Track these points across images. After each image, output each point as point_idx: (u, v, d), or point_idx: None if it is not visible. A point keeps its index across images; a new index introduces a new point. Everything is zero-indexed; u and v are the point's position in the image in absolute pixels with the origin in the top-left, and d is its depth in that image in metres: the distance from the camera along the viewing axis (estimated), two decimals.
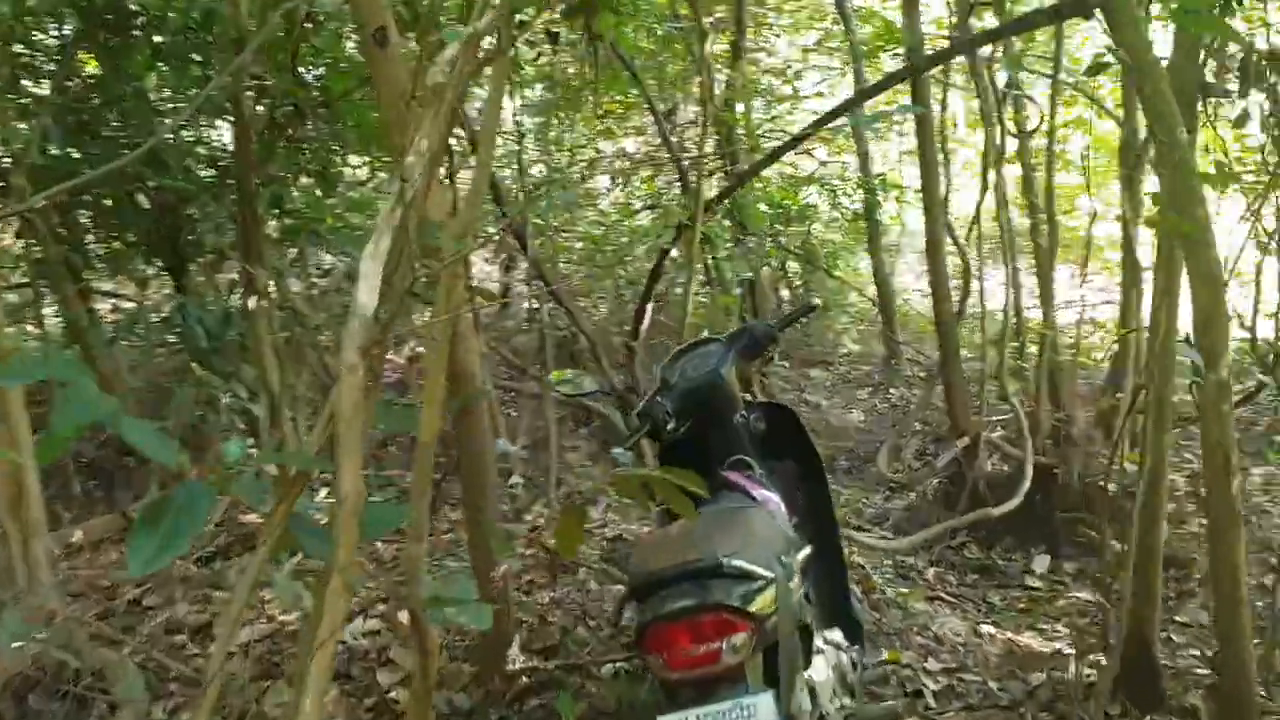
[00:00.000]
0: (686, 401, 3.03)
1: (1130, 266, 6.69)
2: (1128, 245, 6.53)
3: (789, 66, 10.72)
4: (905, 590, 4.85)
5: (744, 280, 8.07)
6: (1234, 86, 3.15)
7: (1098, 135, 13.20)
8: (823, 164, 10.42)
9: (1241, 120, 3.36)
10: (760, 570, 2.42)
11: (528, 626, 3.97)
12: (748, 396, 3.35)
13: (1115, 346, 6.67)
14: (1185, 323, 2.89)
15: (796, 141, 5.55)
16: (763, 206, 9.15)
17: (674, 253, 6.26)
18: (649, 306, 6.07)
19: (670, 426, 2.97)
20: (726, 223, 8.45)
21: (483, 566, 3.29)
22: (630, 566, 2.71)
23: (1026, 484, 5.59)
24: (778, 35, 11.10)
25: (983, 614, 5.27)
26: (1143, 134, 6.48)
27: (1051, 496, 6.05)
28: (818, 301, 3.31)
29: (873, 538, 6.26)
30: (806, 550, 2.78)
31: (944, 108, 8.26)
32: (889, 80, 5.35)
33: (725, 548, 2.43)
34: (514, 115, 7.20)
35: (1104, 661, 3.44)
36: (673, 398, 3.03)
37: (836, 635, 3.00)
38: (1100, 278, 9.73)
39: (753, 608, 2.35)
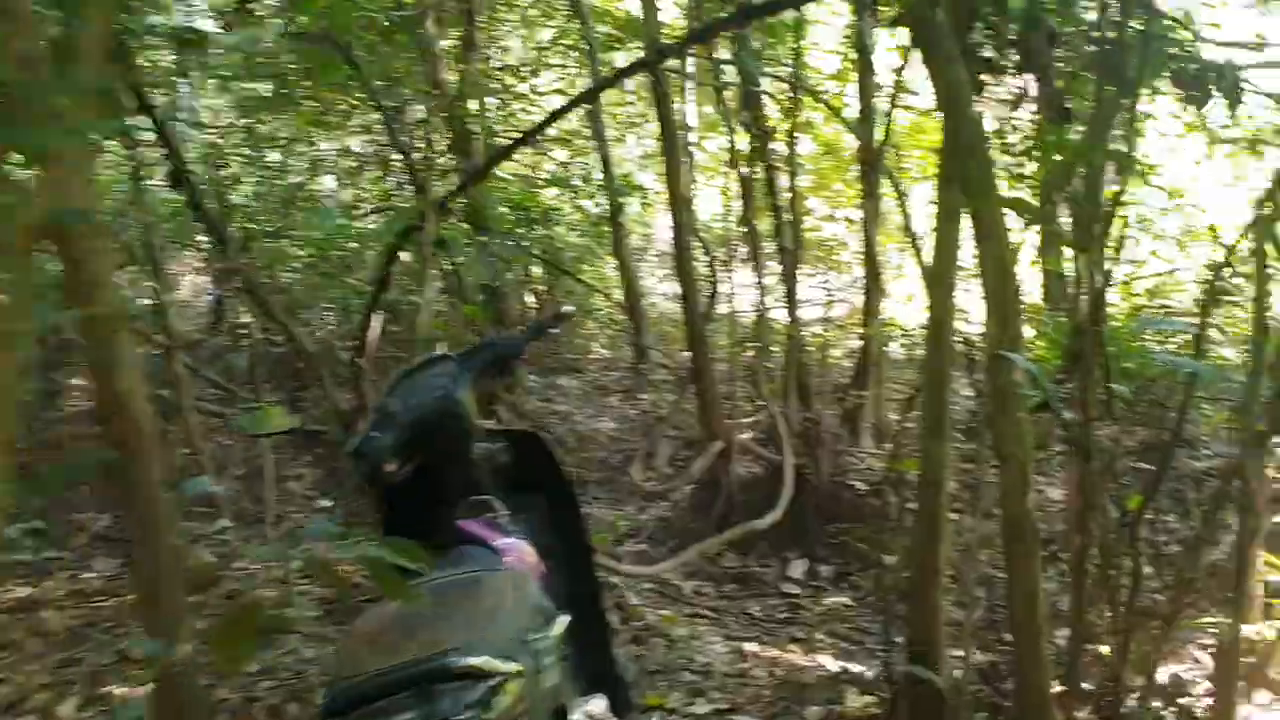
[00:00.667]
0: (413, 435, 2.50)
1: (870, 265, 6.84)
2: (868, 245, 6.66)
3: (524, 65, 10.35)
4: (666, 613, 4.55)
5: (486, 288, 7.59)
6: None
7: (825, 137, 13.76)
8: (563, 165, 10.11)
9: (1018, 101, 3.29)
10: (499, 664, 1.93)
11: None
12: (492, 423, 2.87)
13: (861, 344, 6.75)
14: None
15: (533, 134, 5.18)
16: (504, 209, 8.72)
17: (405, 257, 5.69)
18: (376, 317, 5.47)
19: (391, 468, 2.44)
20: (466, 225, 7.95)
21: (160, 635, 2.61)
22: (331, 669, 2.14)
23: (788, 492, 5.48)
24: (510, 32, 10.70)
25: (744, 627, 5.09)
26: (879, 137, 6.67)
27: (804, 498, 6.00)
28: (570, 308, 2.86)
29: (633, 564, 6.00)
30: (562, 621, 2.32)
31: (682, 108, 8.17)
32: (626, 72, 5.09)
33: (455, 636, 1.93)
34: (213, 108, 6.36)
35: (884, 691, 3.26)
36: (395, 431, 2.49)
37: (598, 706, 2.57)
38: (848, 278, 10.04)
39: (491, 716, 1.86)
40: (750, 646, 4.57)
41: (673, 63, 7.10)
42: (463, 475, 2.55)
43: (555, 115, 4.63)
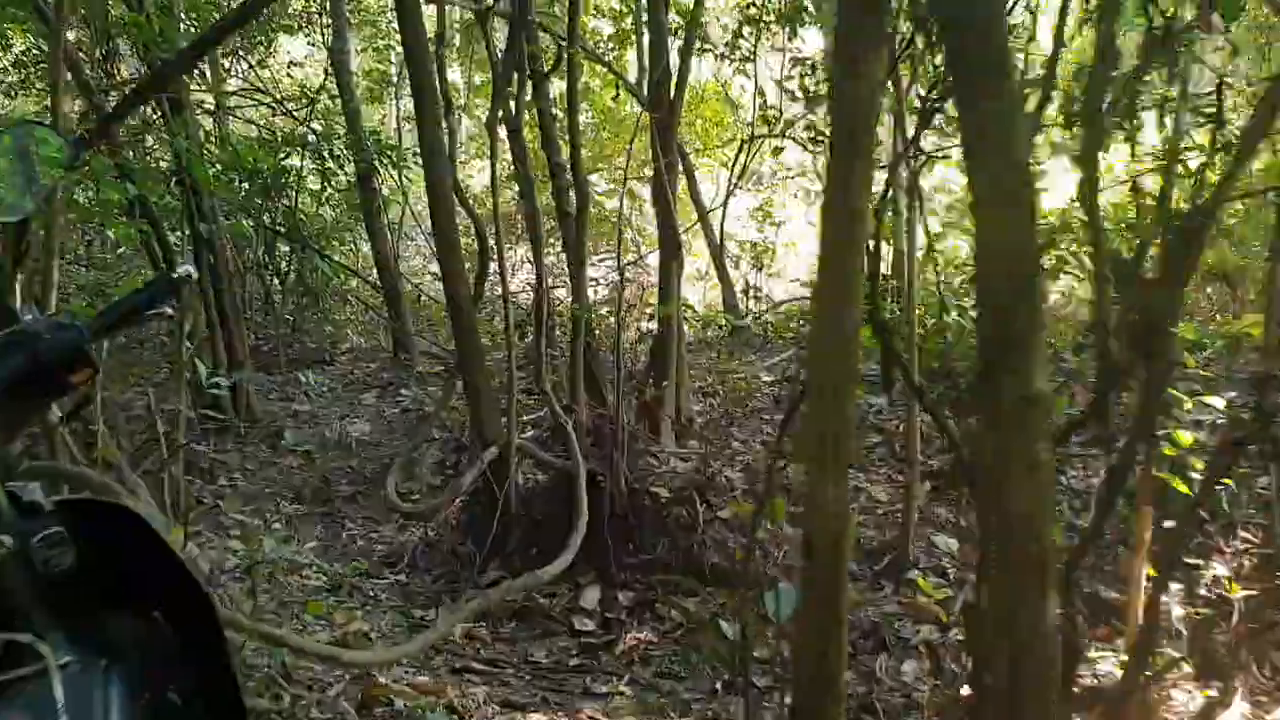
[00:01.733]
0: None
1: (666, 240, 5.97)
2: (663, 217, 5.78)
3: None
4: (422, 700, 3.42)
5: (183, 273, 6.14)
6: None
7: (604, 103, 12.86)
8: (303, 123, 8.68)
9: None
10: None
11: None
12: (35, 492, 1.52)
13: (653, 329, 5.86)
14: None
15: (197, 53, 3.88)
16: (228, 173, 7.24)
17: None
18: None
19: None
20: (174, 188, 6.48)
21: None
22: None
23: (582, 517, 4.50)
24: None
25: (527, 684, 4.08)
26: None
27: (597, 511, 5.05)
28: (188, 269, 1.62)
29: (387, 597, 4.86)
30: None
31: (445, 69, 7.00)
32: None
33: None
34: None
35: None
36: None
37: None
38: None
39: None
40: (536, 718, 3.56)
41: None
42: None
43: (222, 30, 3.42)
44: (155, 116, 7.03)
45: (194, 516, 6.27)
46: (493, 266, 6.31)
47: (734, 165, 8.46)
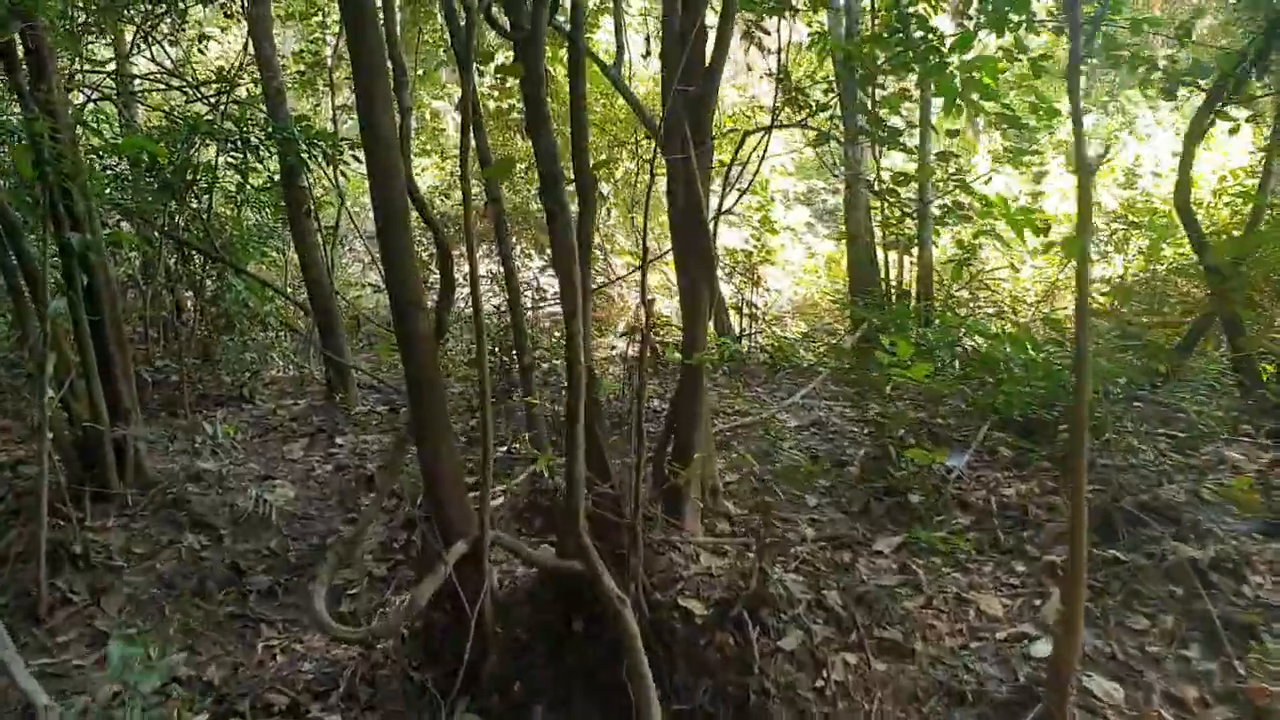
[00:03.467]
0: None
1: (694, 260, 4.63)
2: (691, 223, 4.42)
3: None
4: None
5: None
6: None
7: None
8: (215, 106, 7.22)
9: None
10: None
11: None
12: None
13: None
14: None
15: None
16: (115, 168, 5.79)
17: None
18: None
19: None
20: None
21: None
22: None
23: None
24: None
25: None
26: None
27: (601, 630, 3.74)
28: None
29: None
30: None
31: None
32: None
33: None
34: None
35: None
36: None
37: None
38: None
39: None
40: None
41: None
42: None
43: None
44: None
45: (59, 622, 4.88)
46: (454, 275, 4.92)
47: (734, 159, 7.15)
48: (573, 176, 3.99)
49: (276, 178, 7.14)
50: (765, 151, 6.69)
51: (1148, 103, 17.42)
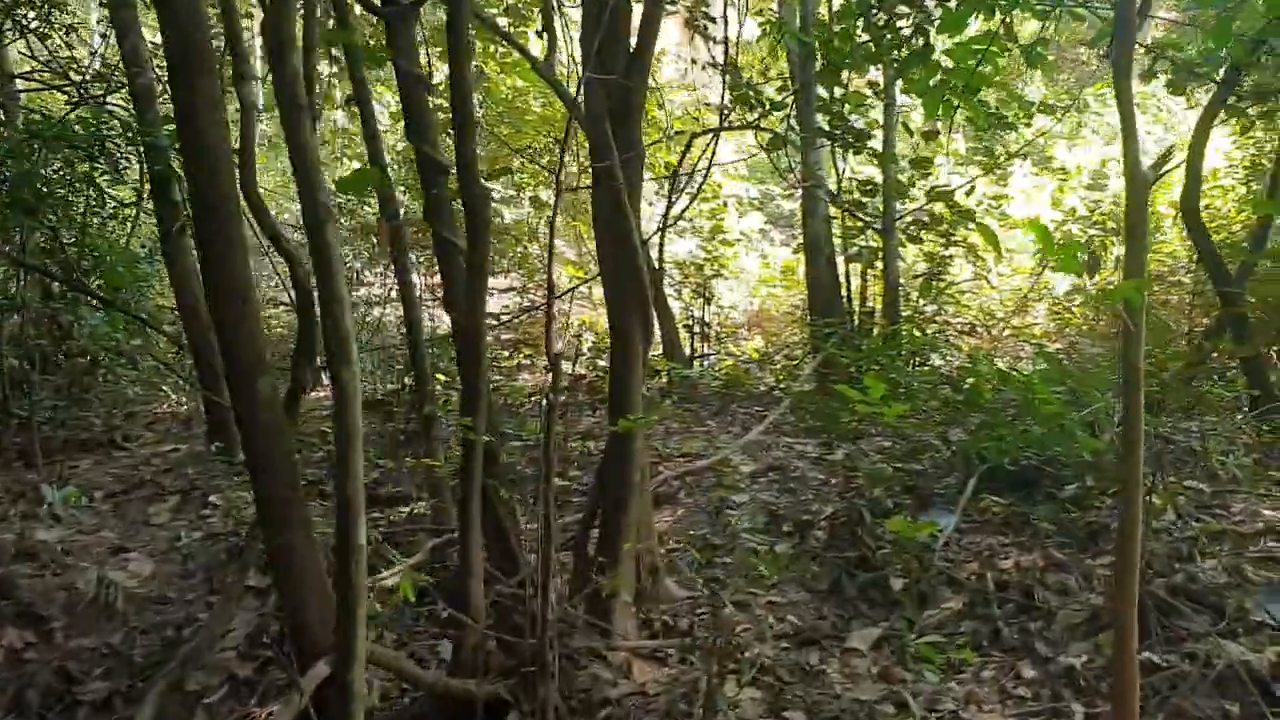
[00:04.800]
0: None
1: (622, 296, 3.83)
2: (622, 242, 3.63)
3: None
4: None
5: None
6: None
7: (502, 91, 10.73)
8: (76, 103, 6.31)
9: None
10: None
11: None
12: None
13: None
14: None
15: None
16: None
17: None
18: None
19: None
20: None
21: None
22: None
23: None
24: None
25: None
26: None
27: None
28: None
29: None
30: None
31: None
32: None
33: None
34: None
35: None
36: None
37: None
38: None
39: None
40: None
41: None
42: None
43: None
44: None
45: None
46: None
47: (680, 164, 6.35)
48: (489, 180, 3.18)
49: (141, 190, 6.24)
50: (713, 156, 5.96)
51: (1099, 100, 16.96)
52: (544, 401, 2.92)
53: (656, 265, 8.69)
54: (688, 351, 8.91)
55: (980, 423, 5.01)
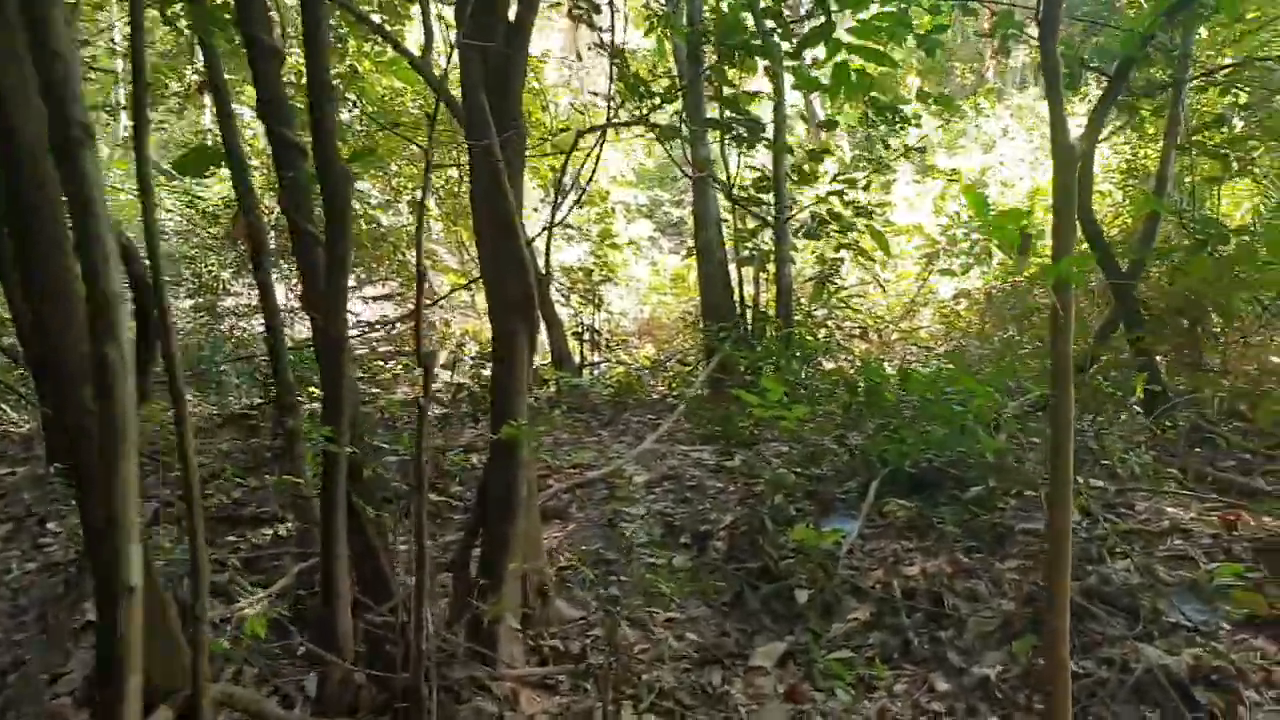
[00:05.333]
0: None
1: (506, 296, 3.54)
2: (503, 241, 3.36)
3: None
4: None
5: None
6: None
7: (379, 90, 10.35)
8: None
9: None
10: None
11: None
12: None
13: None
14: None
15: None
16: None
17: None
18: None
19: None
20: None
21: None
22: None
23: None
24: None
25: None
26: None
27: None
28: None
29: None
30: None
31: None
32: None
33: None
34: None
35: None
36: None
37: None
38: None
39: None
40: None
41: None
42: None
43: None
44: None
45: None
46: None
47: (565, 163, 6.09)
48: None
49: None
50: (600, 154, 5.73)
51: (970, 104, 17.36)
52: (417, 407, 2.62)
53: (544, 270, 8.43)
54: (577, 360, 8.65)
55: (879, 425, 4.88)
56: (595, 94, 7.65)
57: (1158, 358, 5.36)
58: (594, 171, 5.72)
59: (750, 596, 3.95)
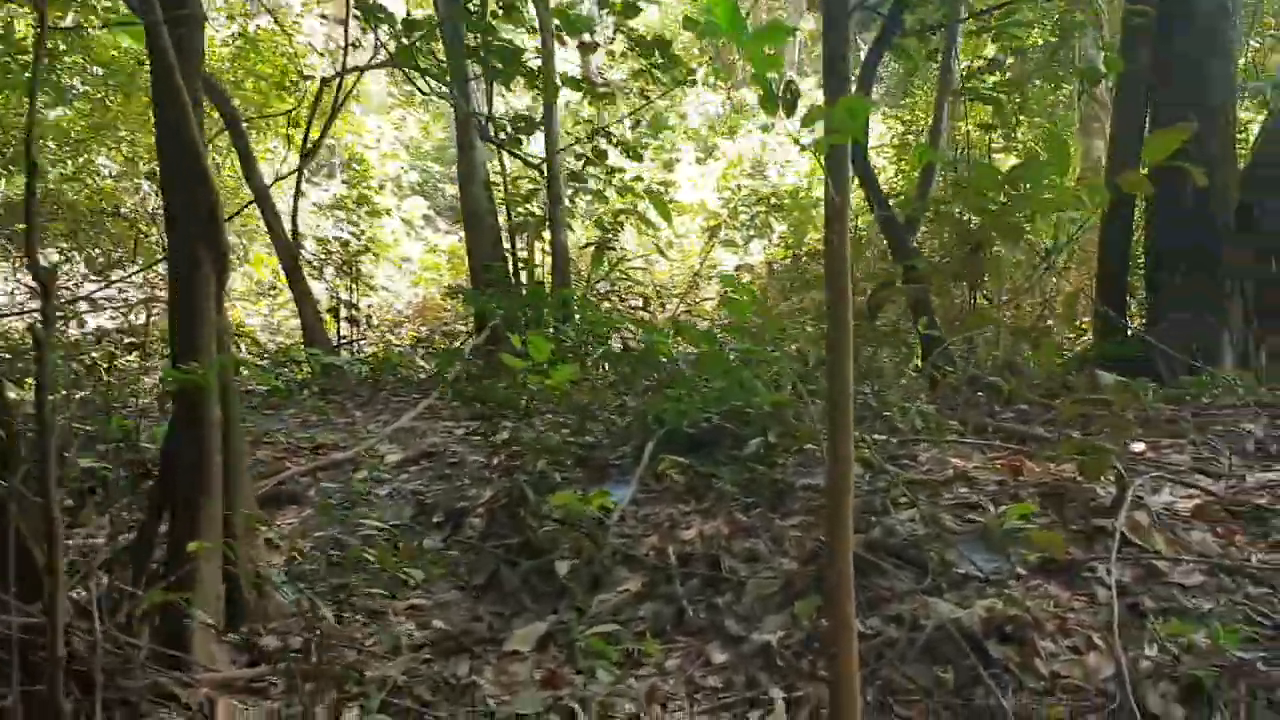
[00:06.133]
0: None
1: (189, 228, 2.95)
2: (189, 177, 2.77)
3: None
4: None
5: None
6: None
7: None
8: None
9: None
10: None
11: None
12: None
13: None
14: None
15: None
16: None
17: None
18: None
19: None
20: None
21: None
22: None
23: None
24: None
25: None
26: None
27: None
28: None
29: None
30: None
31: None
32: None
33: None
34: None
35: None
36: None
37: None
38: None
39: None
40: None
41: None
42: None
43: None
44: None
45: None
46: None
47: (313, 115, 5.48)
48: None
49: None
50: (347, 97, 5.17)
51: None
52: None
53: (291, 237, 7.72)
54: (335, 340, 7.97)
55: (655, 383, 4.56)
56: (344, 42, 7.00)
57: (934, 299, 5.32)
58: (331, 118, 5.15)
59: (508, 575, 3.52)
